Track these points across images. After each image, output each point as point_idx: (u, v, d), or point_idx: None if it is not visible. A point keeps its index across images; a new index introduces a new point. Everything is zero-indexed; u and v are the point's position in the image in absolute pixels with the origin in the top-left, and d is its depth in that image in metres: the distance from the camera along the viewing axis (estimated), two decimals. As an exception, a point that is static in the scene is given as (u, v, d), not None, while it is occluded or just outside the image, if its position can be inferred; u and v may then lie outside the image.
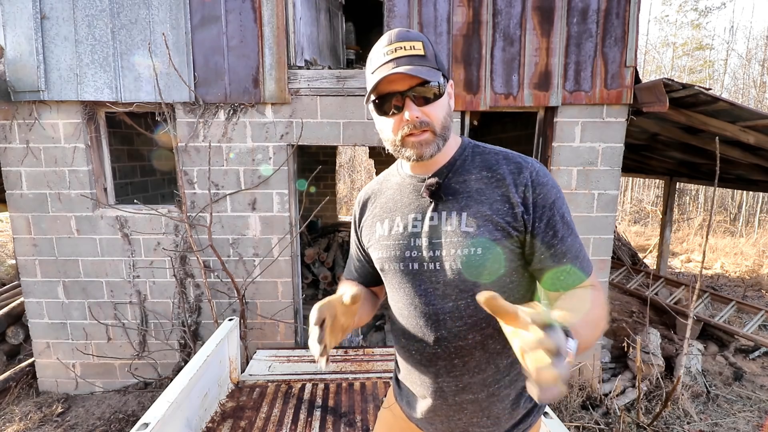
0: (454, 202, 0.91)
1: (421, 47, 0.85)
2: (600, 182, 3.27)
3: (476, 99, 3.16)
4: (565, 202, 0.90)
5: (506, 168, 0.90)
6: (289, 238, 3.35)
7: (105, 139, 3.35)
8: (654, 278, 5.82)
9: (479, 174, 0.91)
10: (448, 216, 0.90)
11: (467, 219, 0.88)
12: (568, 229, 0.88)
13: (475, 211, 0.88)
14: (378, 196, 1.05)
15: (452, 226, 0.89)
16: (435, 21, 3.08)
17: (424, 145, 0.87)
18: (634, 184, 15.75)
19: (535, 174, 0.88)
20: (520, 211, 0.87)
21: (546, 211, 0.87)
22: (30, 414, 3.20)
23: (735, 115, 3.21)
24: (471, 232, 0.87)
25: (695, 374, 3.73)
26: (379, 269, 1.01)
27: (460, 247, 0.87)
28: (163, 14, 3.04)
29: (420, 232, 0.93)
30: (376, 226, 1.01)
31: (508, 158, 0.92)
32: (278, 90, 3.13)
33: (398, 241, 0.95)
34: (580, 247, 0.89)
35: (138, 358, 3.48)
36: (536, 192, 0.87)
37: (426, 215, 0.93)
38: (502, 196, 0.88)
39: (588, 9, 3.06)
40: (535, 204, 0.87)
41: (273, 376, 2.59)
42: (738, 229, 12.24)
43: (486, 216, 0.87)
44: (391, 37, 0.87)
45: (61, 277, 3.36)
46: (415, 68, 0.82)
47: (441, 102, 0.87)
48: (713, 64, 16.93)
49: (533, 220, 0.87)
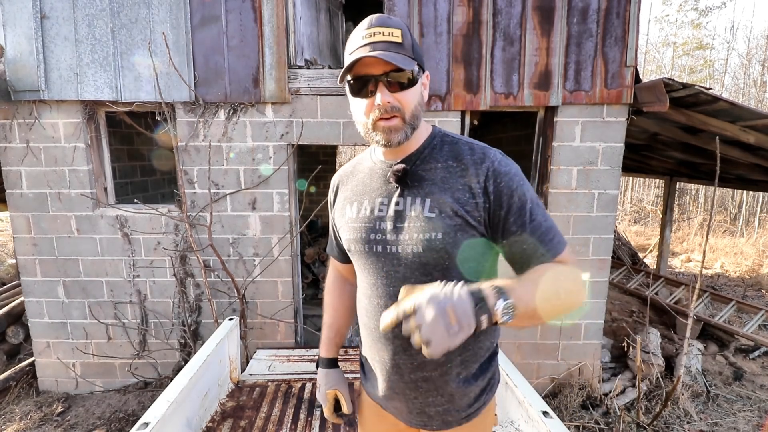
0: (420, 189, 0.94)
1: (400, 35, 0.88)
2: (600, 182, 3.27)
3: (476, 99, 3.16)
4: (529, 188, 0.92)
5: (470, 158, 0.93)
6: (289, 238, 3.35)
7: (105, 139, 3.35)
8: (654, 278, 5.82)
9: (445, 163, 0.94)
10: (413, 202, 0.94)
11: (430, 205, 0.92)
12: (532, 215, 0.89)
13: (438, 198, 0.91)
14: (350, 179, 1.09)
15: (416, 211, 0.93)
16: (435, 21, 3.08)
17: (393, 131, 0.90)
18: (634, 183, 15.74)
19: (497, 164, 0.91)
20: (482, 200, 0.90)
21: (508, 199, 0.89)
22: (30, 413, 3.20)
23: (735, 114, 3.20)
24: (433, 217, 0.90)
25: (695, 374, 3.73)
26: (347, 249, 1.06)
27: (422, 232, 0.91)
28: (163, 14, 3.04)
29: (385, 216, 0.97)
30: (346, 209, 1.06)
31: (473, 149, 0.95)
32: (278, 89, 3.13)
33: (364, 224, 0.99)
34: (547, 230, 0.90)
35: (138, 357, 3.48)
36: (497, 181, 0.90)
37: (392, 200, 0.97)
38: (465, 185, 0.91)
39: (588, 8, 3.06)
40: (497, 193, 0.89)
41: (273, 376, 2.59)
42: (738, 228, 12.24)
43: (448, 204, 0.90)
44: (371, 21, 0.89)
45: (61, 277, 3.36)
46: (390, 54, 0.84)
47: (414, 90, 0.90)
48: (713, 64, 16.92)
49: (495, 209, 0.90)
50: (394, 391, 1.04)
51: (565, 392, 3.44)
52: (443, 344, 0.68)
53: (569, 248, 0.92)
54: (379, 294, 1.00)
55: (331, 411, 1.23)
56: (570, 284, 0.85)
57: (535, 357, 3.53)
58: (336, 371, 1.26)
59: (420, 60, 0.92)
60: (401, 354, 0.99)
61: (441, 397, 1.01)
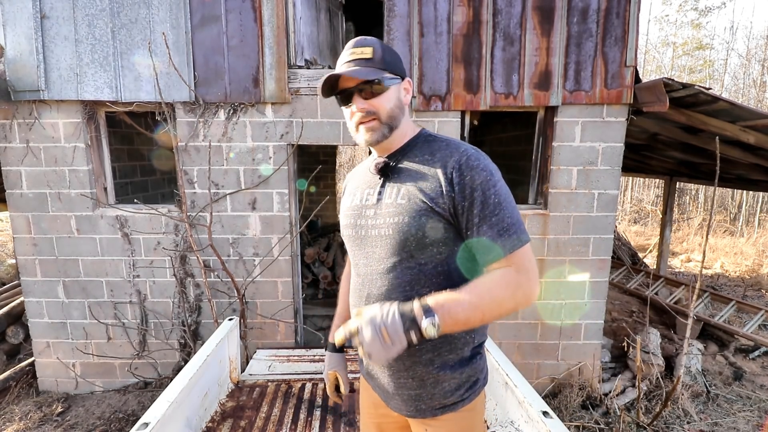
0: (397, 180, 1.05)
1: (370, 52, 1.02)
2: (600, 182, 3.27)
3: (476, 99, 3.16)
4: (497, 184, 0.97)
5: (444, 152, 1.02)
6: (289, 238, 3.35)
7: (105, 139, 3.35)
8: (654, 278, 5.82)
9: (422, 158, 1.04)
10: (391, 191, 1.05)
11: (402, 193, 1.02)
12: (494, 210, 0.95)
13: (409, 186, 1.02)
14: (354, 177, 1.25)
15: (391, 198, 1.04)
16: (435, 21, 3.08)
17: (370, 131, 1.04)
18: (634, 183, 15.74)
19: (466, 158, 0.98)
20: (447, 189, 0.97)
21: (471, 192, 0.95)
22: (30, 413, 3.20)
23: (735, 114, 3.20)
24: (403, 203, 1.01)
25: (695, 374, 3.73)
26: (342, 237, 1.18)
27: (392, 216, 1.02)
28: (163, 14, 3.04)
29: (369, 204, 1.09)
30: (345, 200, 1.20)
31: (449, 145, 1.04)
32: (278, 89, 3.13)
33: (354, 211, 1.13)
34: (506, 228, 0.95)
35: (138, 357, 3.48)
36: (463, 173, 0.96)
37: (376, 190, 1.09)
38: (434, 176, 0.99)
39: (588, 9, 3.06)
40: (461, 184, 0.96)
41: (273, 376, 2.59)
42: (738, 228, 12.24)
43: (417, 191, 1.00)
44: (350, 44, 1.05)
45: (61, 277, 3.36)
46: (356, 70, 1.00)
47: (386, 95, 1.03)
48: (713, 64, 16.92)
49: (459, 200, 0.96)
50: (371, 369, 1.16)
51: (565, 392, 3.44)
52: (381, 357, 0.84)
53: (526, 249, 0.95)
54: (359, 274, 1.12)
55: (332, 390, 1.37)
56: (502, 292, 0.91)
57: (535, 357, 3.53)
58: (339, 355, 1.37)
59: (393, 69, 1.04)
60: None
61: (412, 380, 1.07)
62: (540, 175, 3.41)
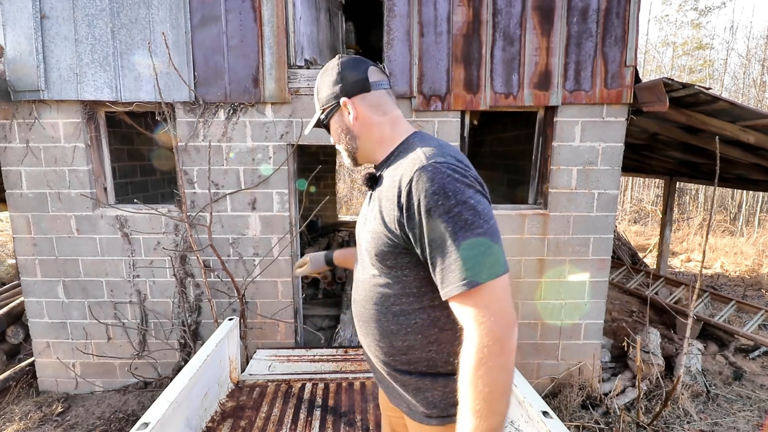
0: (378, 193, 1.03)
1: (318, 89, 1.11)
2: (600, 182, 3.27)
3: (476, 99, 3.16)
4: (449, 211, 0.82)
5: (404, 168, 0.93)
6: (289, 238, 3.35)
7: (105, 139, 3.35)
8: (654, 278, 5.82)
9: (393, 172, 0.98)
10: (372, 203, 1.05)
11: (374, 209, 1.01)
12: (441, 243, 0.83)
13: (379, 204, 0.99)
14: None
15: (372, 211, 1.03)
16: (435, 21, 3.08)
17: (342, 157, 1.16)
18: (634, 183, 15.74)
19: (417, 177, 0.87)
20: (397, 215, 0.91)
21: (420, 220, 0.86)
22: (30, 413, 3.20)
23: (735, 114, 3.20)
24: (371, 220, 1.01)
25: (695, 374, 3.73)
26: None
27: (365, 231, 1.04)
28: (163, 14, 3.04)
29: (364, 213, 1.12)
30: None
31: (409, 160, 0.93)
32: (278, 89, 3.13)
33: (359, 219, 1.17)
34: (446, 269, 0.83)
35: (138, 357, 3.48)
36: (411, 198, 0.87)
37: (367, 202, 1.12)
38: (392, 199, 0.93)
39: (588, 8, 3.06)
40: (410, 212, 0.88)
41: (273, 376, 2.59)
42: (738, 228, 12.24)
43: (378, 213, 0.99)
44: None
45: (61, 277, 3.36)
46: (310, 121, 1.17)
47: (332, 126, 1.11)
48: (713, 64, 16.92)
49: (409, 227, 0.89)
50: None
51: (565, 392, 3.44)
52: None
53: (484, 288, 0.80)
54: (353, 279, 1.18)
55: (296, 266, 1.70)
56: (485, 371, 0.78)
57: (535, 357, 3.53)
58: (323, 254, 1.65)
59: (326, 101, 1.08)
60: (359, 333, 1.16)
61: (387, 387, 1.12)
62: (540, 175, 3.41)
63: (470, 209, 0.82)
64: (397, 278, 0.99)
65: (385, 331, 1.04)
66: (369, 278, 1.05)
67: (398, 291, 1.00)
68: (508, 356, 0.78)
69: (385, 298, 1.02)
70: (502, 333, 0.78)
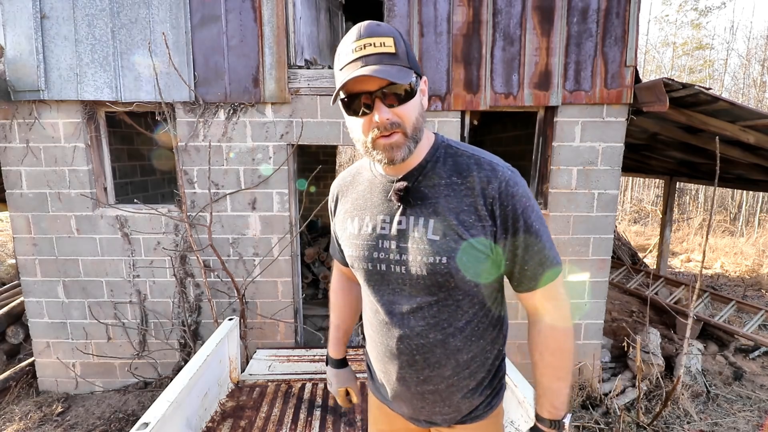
0: (423, 208, 0.91)
1: (392, 44, 0.81)
2: (600, 182, 3.27)
3: (476, 99, 3.16)
4: (534, 209, 0.91)
5: (477, 176, 0.89)
6: (289, 238, 3.35)
7: (105, 139, 3.35)
8: (654, 278, 5.82)
9: (449, 179, 0.90)
10: (416, 222, 0.91)
11: (434, 227, 0.89)
12: (535, 240, 0.90)
13: (442, 219, 0.89)
14: (350, 190, 1.06)
15: (419, 232, 0.90)
16: (435, 20, 3.08)
17: (395, 149, 0.85)
18: (634, 183, 15.74)
19: (504, 185, 0.87)
20: (488, 223, 0.88)
21: (513, 223, 0.88)
22: (30, 413, 3.20)
23: (735, 114, 3.20)
24: (437, 240, 0.88)
25: (695, 374, 3.73)
26: (350, 265, 1.05)
27: (426, 255, 0.89)
28: (163, 14, 3.04)
29: (388, 235, 0.94)
30: (347, 223, 1.04)
31: (480, 164, 0.90)
32: (278, 89, 3.13)
33: (366, 242, 0.97)
34: (546, 258, 0.92)
35: (138, 357, 3.48)
36: (504, 204, 0.87)
37: (395, 218, 0.94)
38: (470, 206, 0.88)
39: (588, 8, 3.06)
40: (503, 216, 0.88)
41: (273, 376, 2.59)
42: (738, 228, 12.24)
43: (452, 225, 0.88)
44: (360, 31, 0.82)
45: (61, 277, 3.36)
46: (384, 68, 0.79)
47: (413, 102, 0.85)
48: (713, 64, 16.92)
49: (501, 233, 0.89)
50: (401, 399, 1.06)
51: None
52: None
53: (560, 277, 0.95)
54: (384, 311, 0.99)
55: (343, 398, 1.32)
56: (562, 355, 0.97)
57: (535, 357, 3.53)
58: (346, 370, 1.32)
59: (416, 66, 0.86)
60: (407, 368, 1.00)
61: (448, 408, 1.03)
62: (540, 175, 3.41)
63: (538, 206, 0.94)
64: (468, 290, 0.93)
65: (450, 352, 0.97)
66: (426, 306, 0.94)
67: (467, 304, 0.95)
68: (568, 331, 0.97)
69: (452, 317, 0.95)
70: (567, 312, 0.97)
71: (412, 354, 0.98)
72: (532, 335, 0.98)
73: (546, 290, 0.94)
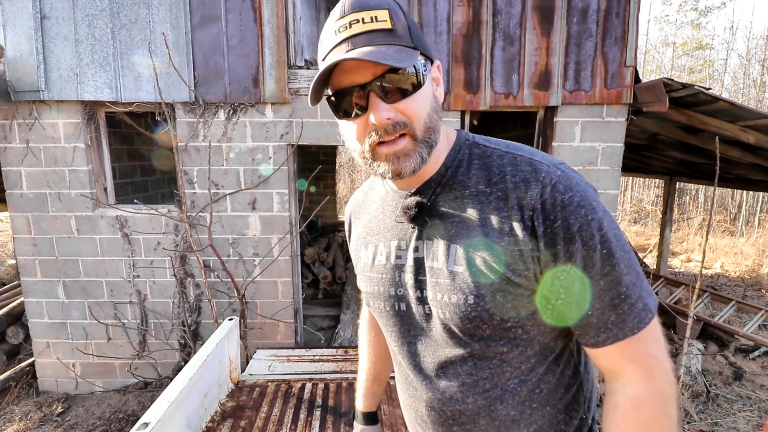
0: (442, 228, 0.69)
1: (387, 17, 0.60)
2: (600, 182, 3.27)
3: (476, 99, 3.16)
4: (601, 224, 0.61)
5: (511, 181, 0.65)
6: (289, 238, 3.35)
7: (105, 139, 3.35)
8: (654, 278, 5.82)
9: (476, 188, 0.67)
10: (435, 247, 0.69)
11: (456, 254, 0.66)
12: (601, 267, 0.61)
13: (467, 244, 0.66)
14: (363, 211, 0.87)
15: (438, 262, 0.68)
16: (435, 21, 3.08)
17: (402, 158, 0.64)
18: (634, 183, 15.75)
19: (550, 190, 0.62)
20: (528, 247, 0.62)
21: (566, 245, 0.61)
22: (30, 414, 3.20)
23: (735, 114, 3.20)
24: (461, 272, 0.66)
25: (695, 374, 3.73)
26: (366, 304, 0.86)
27: (448, 292, 0.67)
28: (163, 14, 3.04)
29: (405, 265, 0.73)
30: (360, 252, 0.83)
31: (515, 164, 0.66)
32: (278, 90, 3.13)
33: (382, 275, 0.77)
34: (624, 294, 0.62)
35: (138, 357, 3.48)
36: (551, 218, 0.61)
37: (410, 244, 0.73)
38: (503, 223, 0.64)
39: (588, 8, 3.06)
40: (550, 235, 0.61)
41: (273, 376, 2.59)
42: (738, 228, 12.25)
43: (480, 253, 0.64)
44: (344, 6, 0.61)
45: (61, 277, 3.36)
46: (377, 50, 0.58)
47: (422, 93, 0.63)
48: (713, 64, 16.94)
49: (547, 258, 0.62)
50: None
51: None
52: None
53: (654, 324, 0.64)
54: (408, 365, 0.77)
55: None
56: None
57: (535, 357, 3.53)
58: (375, 429, 1.05)
59: (423, 46, 0.65)
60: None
61: None
62: (540, 175, 3.40)
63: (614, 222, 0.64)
64: (514, 339, 0.68)
65: (501, 425, 0.72)
66: (459, 360, 0.70)
67: (517, 358, 0.69)
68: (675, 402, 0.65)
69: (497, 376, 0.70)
70: (672, 384, 0.64)
71: (448, 424, 0.74)
72: (605, 410, 0.69)
73: (627, 346, 0.63)
